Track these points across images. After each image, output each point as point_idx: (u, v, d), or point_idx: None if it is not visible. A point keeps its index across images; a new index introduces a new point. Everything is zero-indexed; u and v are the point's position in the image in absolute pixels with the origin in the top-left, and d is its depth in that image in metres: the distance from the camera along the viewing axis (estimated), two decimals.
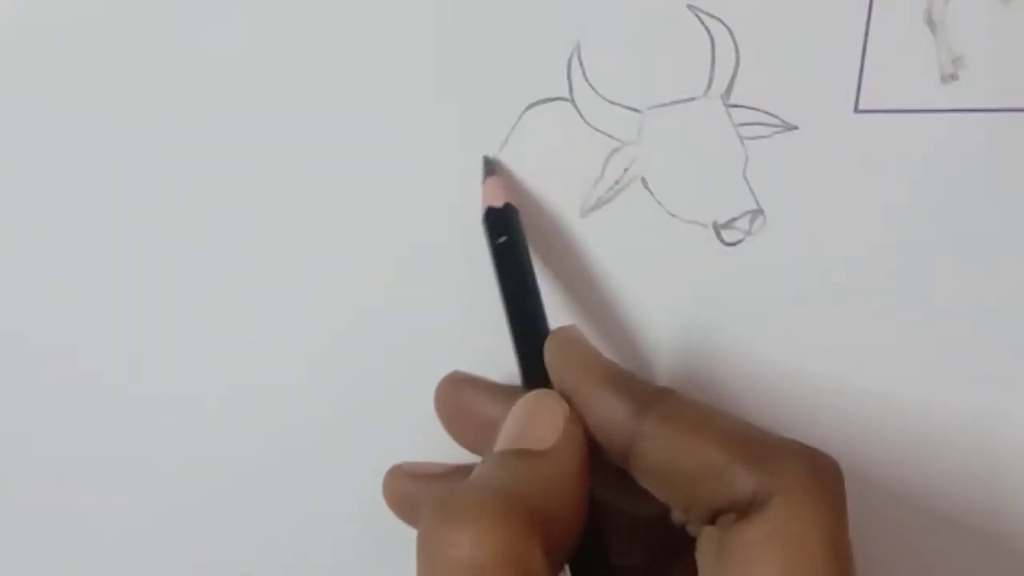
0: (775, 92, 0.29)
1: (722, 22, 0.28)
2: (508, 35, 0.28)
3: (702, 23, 0.28)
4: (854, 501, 0.23)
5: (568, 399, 0.25)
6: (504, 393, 0.26)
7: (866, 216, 0.30)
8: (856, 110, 0.29)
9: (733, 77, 0.28)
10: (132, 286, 0.30)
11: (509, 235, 0.27)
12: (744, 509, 0.22)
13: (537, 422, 0.24)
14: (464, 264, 0.30)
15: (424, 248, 0.30)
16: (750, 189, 0.29)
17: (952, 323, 0.30)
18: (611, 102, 0.29)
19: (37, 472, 0.32)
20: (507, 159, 0.29)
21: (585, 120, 0.29)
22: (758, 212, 0.30)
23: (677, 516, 0.25)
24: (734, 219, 0.30)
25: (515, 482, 0.22)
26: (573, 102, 0.29)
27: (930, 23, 0.28)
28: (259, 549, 0.32)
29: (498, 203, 0.28)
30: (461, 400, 0.27)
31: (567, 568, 0.24)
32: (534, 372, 0.26)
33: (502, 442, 0.24)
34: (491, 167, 0.28)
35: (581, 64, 0.28)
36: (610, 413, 0.24)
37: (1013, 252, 0.30)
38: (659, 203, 0.30)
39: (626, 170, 0.29)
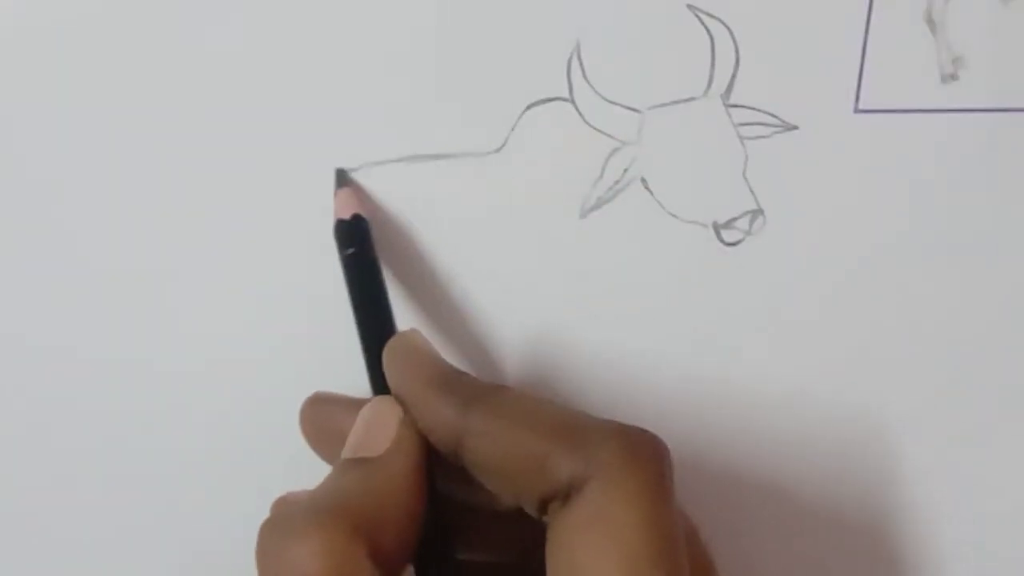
0: (775, 92, 0.29)
1: (722, 22, 0.28)
2: (508, 35, 0.28)
3: (702, 23, 0.28)
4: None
5: (402, 403, 0.25)
6: (360, 406, 0.27)
7: (866, 216, 0.30)
8: (856, 110, 0.29)
9: (733, 77, 0.28)
10: (139, 285, 0.30)
11: (358, 246, 0.28)
12: (565, 495, 0.23)
13: (372, 429, 0.25)
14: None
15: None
16: (750, 189, 0.29)
17: (952, 323, 0.30)
18: (611, 102, 0.29)
19: (36, 472, 0.32)
20: (507, 159, 0.29)
21: (585, 120, 0.29)
22: (758, 212, 0.30)
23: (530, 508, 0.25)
24: (734, 219, 0.30)
25: (345, 492, 0.23)
26: (573, 102, 0.29)
27: (930, 23, 0.28)
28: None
29: (347, 215, 0.28)
30: (323, 419, 0.27)
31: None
32: (380, 380, 0.26)
33: (344, 452, 0.25)
34: (343, 179, 0.29)
35: (581, 64, 0.28)
36: (438, 412, 0.24)
37: (1013, 252, 0.30)
38: (659, 203, 0.30)
39: (626, 170, 0.29)
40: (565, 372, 0.31)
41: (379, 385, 0.26)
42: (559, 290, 0.30)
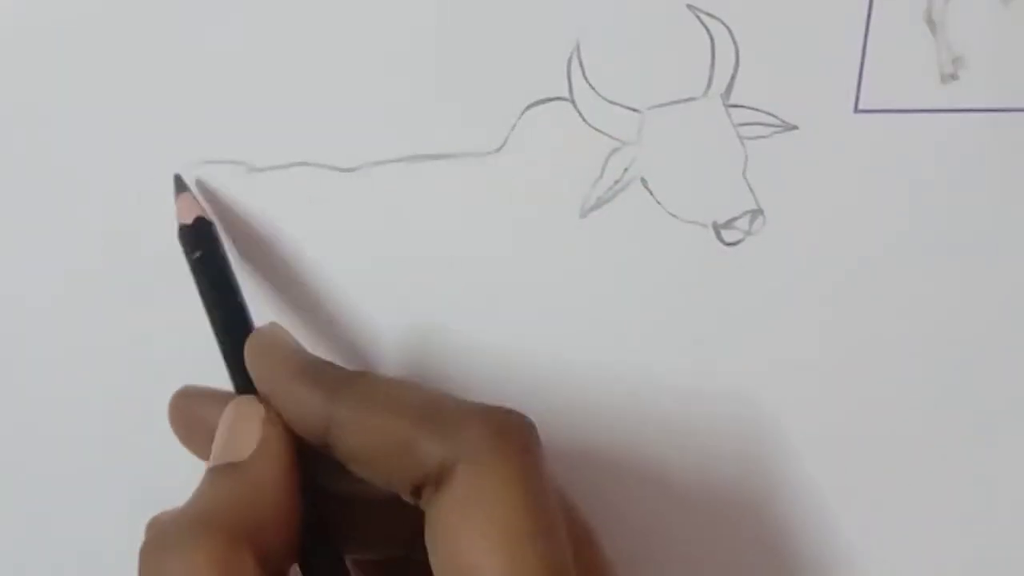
0: (775, 92, 0.29)
1: (722, 22, 0.28)
2: (508, 35, 0.28)
3: (702, 23, 0.28)
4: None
5: (268, 399, 0.25)
6: (229, 399, 0.26)
7: (866, 216, 0.30)
8: (856, 110, 0.29)
9: (733, 77, 0.28)
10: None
11: (203, 249, 0.27)
12: (437, 480, 0.23)
13: (236, 432, 0.24)
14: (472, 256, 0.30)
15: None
16: (750, 189, 0.29)
17: (952, 323, 0.31)
18: (611, 102, 0.29)
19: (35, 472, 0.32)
20: (507, 159, 0.29)
21: (585, 120, 0.29)
22: (758, 212, 0.30)
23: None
24: (734, 219, 0.30)
25: (218, 501, 0.23)
26: (573, 102, 0.29)
27: (930, 23, 0.28)
28: None
29: (188, 220, 0.28)
30: (192, 414, 0.27)
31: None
32: (242, 380, 0.26)
33: (211, 458, 0.24)
34: (180, 185, 0.28)
35: (581, 64, 0.28)
36: (303, 404, 0.24)
37: (1013, 252, 0.30)
38: (659, 203, 0.29)
39: (626, 170, 0.29)
40: (565, 372, 0.31)
41: (241, 386, 0.26)
42: (559, 290, 0.30)
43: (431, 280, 0.30)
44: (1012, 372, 0.31)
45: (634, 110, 0.29)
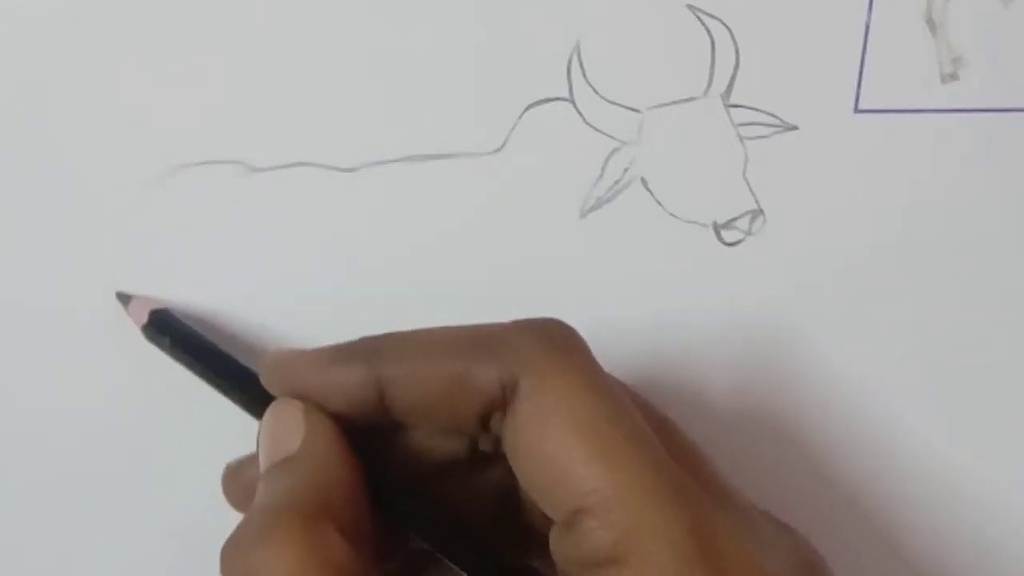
0: (775, 92, 0.29)
1: (722, 22, 0.28)
2: (508, 35, 0.28)
3: (702, 23, 0.28)
4: None
5: (308, 396, 0.25)
6: None
7: (866, 216, 0.30)
8: (856, 110, 0.29)
9: (733, 77, 0.28)
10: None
11: (169, 334, 0.28)
12: (502, 404, 0.23)
13: (280, 432, 0.24)
14: (485, 260, 0.30)
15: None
16: (750, 189, 0.29)
17: (952, 322, 0.31)
18: (611, 102, 0.29)
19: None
20: (507, 159, 0.29)
21: (585, 120, 0.29)
22: (758, 212, 0.30)
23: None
24: (734, 219, 0.30)
25: (283, 492, 0.23)
26: (573, 102, 0.29)
27: (930, 23, 0.28)
28: None
29: (144, 319, 0.28)
30: (244, 480, 0.27)
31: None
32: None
33: (262, 463, 0.24)
34: (123, 298, 0.29)
35: (581, 64, 0.28)
36: (348, 378, 0.24)
37: (1013, 252, 0.30)
38: (659, 203, 0.30)
39: (626, 170, 0.29)
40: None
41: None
42: (559, 290, 0.30)
43: (431, 280, 0.30)
44: (1012, 372, 0.31)
45: (634, 110, 0.29)
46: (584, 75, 0.28)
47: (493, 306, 0.30)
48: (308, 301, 0.30)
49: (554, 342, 0.23)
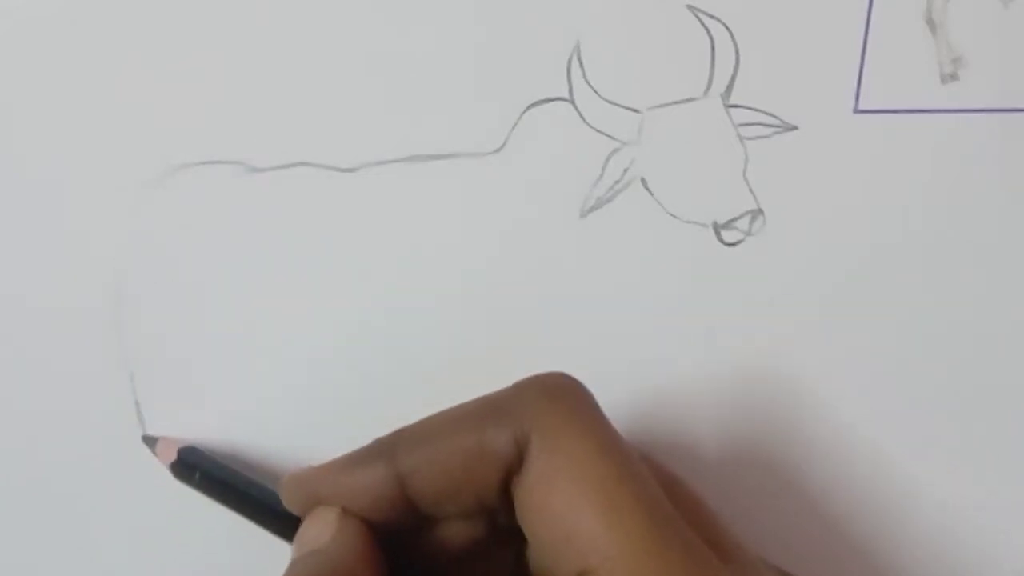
0: (775, 92, 0.29)
1: (722, 22, 0.28)
2: (508, 35, 0.28)
3: (702, 23, 0.28)
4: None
5: (334, 503, 0.25)
6: None
7: (866, 216, 0.30)
8: (856, 110, 0.29)
9: (733, 77, 0.28)
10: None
11: (199, 469, 0.29)
12: (519, 462, 0.23)
13: (313, 530, 0.25)
14: (483, 266, 0.30)
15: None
16: (750, 189, 0.29)
17: (952, 323, 0.31)
18: (611, 102, 0.29)
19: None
20: (507, 159, 0.29)
21: (585, 120, 0.29)
22: (758, 212, 0.30)
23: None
24: (734, 219, 0.30)
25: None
26: (573, 102, 0.29)
27: (930, 23, 0.28)
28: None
29: (173, 458, 0.29)
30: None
31: None
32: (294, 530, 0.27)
33: (292, 555, 0.25)
34: (149, 441, 0.30)
35: (581, 64, 0.28)
36: (369, 480, 0.24)
37: (1013, 252, 0.30)
38: (659, 203, 0.30)
39: (626, 170, 0.29)
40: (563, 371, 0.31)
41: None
42: (559, 290, 0.30)
43: (431, 280, 0.30)
44: (1012, 371, 0.31)
45: (634, 110, 0.29)
46: (584, 75, 0.28)
47: (493, 306, 0.30)
48: (308, 301, 0.30)
49: (561, 399, 0.24)
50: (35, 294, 0.30)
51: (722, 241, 0.30)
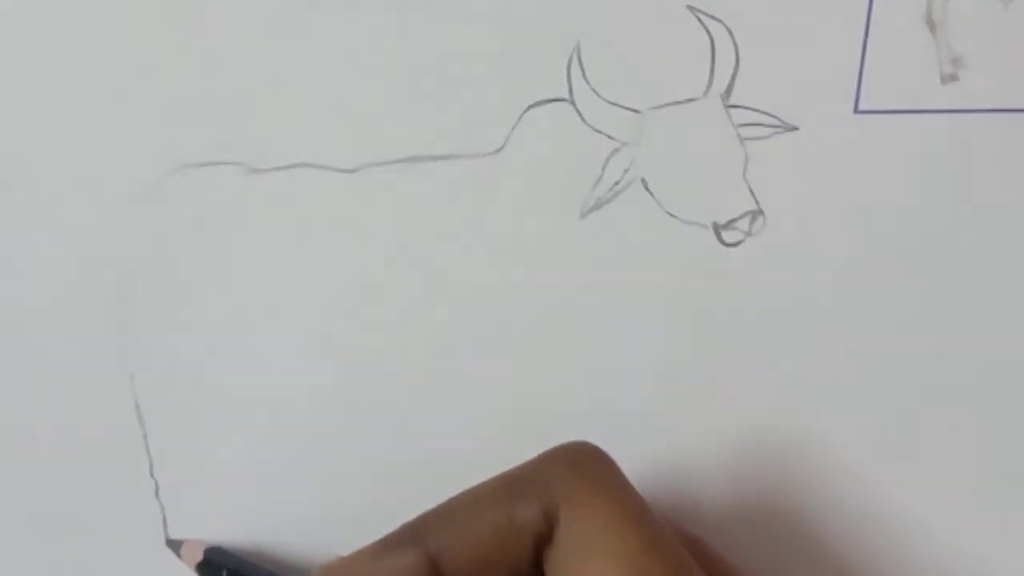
0: (775, 92, 0.29)
1: (722, 22, 0.28)
2: (508, 35, 0.28)
3: (702, 23, 0.28)
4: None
5: None
6: None
7: (866, 216, 0.30)
8: (856, 110, 0.29)
9: (733, 77, 0.28)
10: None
11: (226, 567, 0.30)
12: (549, 533, 0.23)
13: None
14: (474, 263, 0.30)
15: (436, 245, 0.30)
16: (750, 190, 0.29)
17: (952, 323, 0.30)
18: (611, 103, 0.29)
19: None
20: (507, 159, 0.29)
21: (585, 121, 0.29)
22: (758, 212, 0.29)
23: None
24: (734, 219, 0.30)
25: None
26: (573, 103, 0.29)
27: (930, 23, 0.28)
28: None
29: (199, 557, 0.30)
30: None
31: None
32: None
33: None
34: (174, 545, 0.30)
35: (581, 64, 0.28)
36: (402, 565, 0.24)
37: (1013, 252, 0.30)
38: (659, 204, 0.30)
39: (626, 171, 0.29)
40: (565, 371, 0.31)
41: None
42: (559, 290, 0.30)
43: (431, 280, 0.30)
44: (1013, 371, 0.31)
45: (634, 110, 0.29)
46: (584, 75, 0.28)
47: (493, 306, 0.30)
48: (307, 300, 0.30)
49: (587, 470, 0.24)
50: (34, 294, 0.30)
51: (722, 241, 0.30)
